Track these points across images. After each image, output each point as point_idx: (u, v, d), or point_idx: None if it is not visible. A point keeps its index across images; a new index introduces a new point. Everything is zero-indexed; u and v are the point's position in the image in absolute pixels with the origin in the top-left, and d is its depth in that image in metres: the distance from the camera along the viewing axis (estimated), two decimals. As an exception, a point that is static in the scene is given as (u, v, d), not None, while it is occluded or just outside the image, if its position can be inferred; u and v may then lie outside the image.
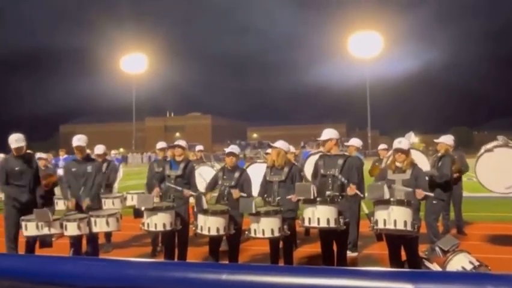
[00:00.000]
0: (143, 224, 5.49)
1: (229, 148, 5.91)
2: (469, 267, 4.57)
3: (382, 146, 8.24)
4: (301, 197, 5.05)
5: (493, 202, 11.97)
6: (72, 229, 5.44)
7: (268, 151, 7.48)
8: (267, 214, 5.13)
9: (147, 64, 71.02)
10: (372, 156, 32.94)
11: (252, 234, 5.15)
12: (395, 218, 4.55)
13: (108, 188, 7.72)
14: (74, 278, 2.01)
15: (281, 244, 5.64)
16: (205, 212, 5.24)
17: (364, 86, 65.60)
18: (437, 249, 5.14)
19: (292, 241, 6.04)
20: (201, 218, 5.24)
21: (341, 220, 4.90)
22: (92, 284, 1.98)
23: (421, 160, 6.24)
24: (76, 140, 5.95)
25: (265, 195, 5.69)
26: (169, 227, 5.46)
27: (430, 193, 5.04)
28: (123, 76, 71.94)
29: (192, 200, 6.14)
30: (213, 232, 5.20)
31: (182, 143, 6.10)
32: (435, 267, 4.89)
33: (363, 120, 70.13)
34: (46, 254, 5.11)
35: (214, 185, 5.89)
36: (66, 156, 12.88)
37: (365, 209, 8.20)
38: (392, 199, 4.66)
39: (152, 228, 5.45)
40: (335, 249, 5.30)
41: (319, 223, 4.86)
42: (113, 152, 14.22)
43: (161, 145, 7.39)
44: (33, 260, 2.35)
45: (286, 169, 5.63)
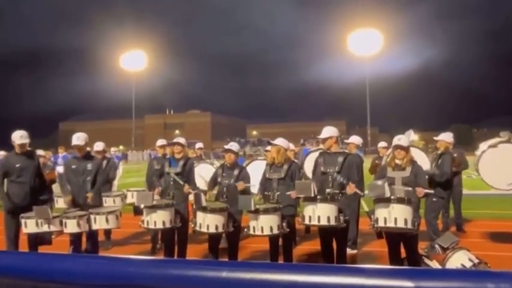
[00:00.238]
0: (142, 222, 5.49)
1: (228, 145, 5.90)
2: (469, 264, 4.58)
3: (382, 144, 8.22)
4: (301, 195, 5.05)
5: (493, 200, 11.99)
6: (72, 226, 5.44)
7: (267, 148, 7.47)
8: (266, 211, 5.13)
9: (147, 62, 71.06)
10: (371, 153, 32.95)
11: (251, 231, 5.14)
12: (396, 216, 4.55)
13: (108, 185, 7.72)
14: (74, 276, 2.01)
15: (280, 241, 5.64)
16: (204, 210, 5.23)
17: (364, 84, 65.66)
18: (437, 246, 5.14)
19: (291, 238, 6.04)
20: (200, 216, 5.24)
21: (341, 218, 4.90)
22: (92, 282, 1.98)
23: (421, 158, 6.23)
24: (75, 139, 5.94)
25: (264, 192, 5.69)
26: (169, 225, 5.45)
27: (430, 190, 5.04)
28: (123, 74, 71.97)
29: (191, 197, 6.14)
30: (212, 229, 5.19)
31: (181, 141, 6.10)
32: (434, 264, 4.89)
33: (362, 117, 70.16)
34: (46, 252, 5.13)
35: (214, 183, 5.88)
36: (64, 154, 12.88)
37: (365, 207, 8.21)
38: (393, 197, 4.66)
39: (151, 225, 5.45)
40: (335, 246, 5.30)
41: (319, 221, 4.86)
42: (112, 150, 14.17)
43: (161, 142, 7.41)
44: (33, 258, 2.35)
45: (285, 166, 5.63)
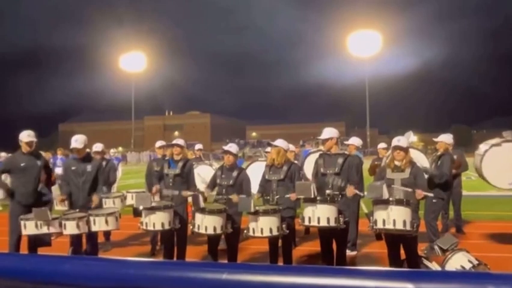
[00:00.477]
0: (141, 223, 5.48)
1: (226, 147, 5.90)
2: (468, 266, 4.58)
3: (382, 145, 8.22)
4: (301, 196, 5.04)
5: (492, 201, 11.99)
6: (71, 228, 5.43)
7: (267, 149, 7.46)
8: (266, 213, 5.12)
9: (146, 63, 71.04)
10: (371, 155, 32.98)
11: (251, 233, 5.14)
12: (394, 218, 4.54)
13: (108, 187, 7.71)
14: (73, 278, 2.01)
15: (280, 243, 5.63)
16: (202, 211, 5.22)
17: (363, 85, 65.66)
18: (436, 248, 5.14)
19: (291, 240, 6.04)
20: (198, 217, 5.23)
21: (341, 219, 4.90)
22: (91, 284, 1.98)
23: (420, 159, 6.23)
24: (74, 142, 5.94)
25: (263, 193, 5.69)
26: (168, 226, 5.44)
27: (430, 193, 5.03)
28: (122, 75, 71.94)
29: (190, 199, 6.13)
30: (210, 231, 5.18)
31: (180, 142, 6.09)
32: (434, 266, 4.89)
33: (362, 118, 70.17)
34: (46, 254, 5.13)
35: (214, 185, 5.87)
36: (61, 157, 12.89)
37: (364, 208, 8.20)
38: (391, 199, 4.65)
39: (150, 227, 5.45)
40: (334, 248, 5.30)
41: (319, 222, 4.86)
42: (112, 151, 14.17)
43: (160, 143, 7.42)
44: (33, 260, 2.35)
45: (285, 168, 5.63)
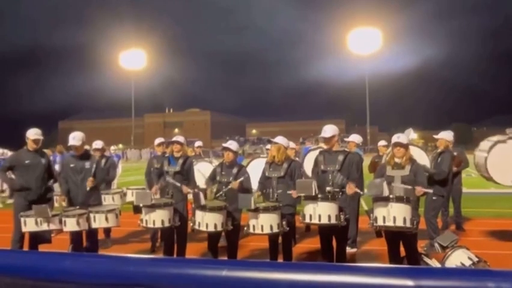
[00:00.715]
0: (141, 221, 5.48)
1: (226, 144, 5.89)
2: (468, 263, 4.58)
3: (382, 143, 8.22)
4: (302, 194, 5.04)
5: (492, 198, 12.00)
6: (71, 225, 5.43)
7: (268, 146, 7.46)
8: (266, 210, 5.13)
9: (146, 60, 70.87)
10: (371, 152, 33.00)
11: (251, 230, 5.14)
12: (394, 215, 4.55)
13: (107, 184, 7.71)
14: (73, 275, 2.01)
15: (280, 240, 5.64)
16: (202, 208, 5.23)
17: (363, 82, 65.56)
18: (436, 245, 5.16)
19: (291, 237, 6.04)
20: (199, 214, 5.24)
21: (342, 216, 4.91)
22: (91, 280, 1.98)
23: (421, 156, 6.23)
24: (71, 139, 5.94)
25: (264, 191, 5.69)
26: (168, 224, 5.45)
27: (429, 189, 5.03)
28: (122, 72, 71.73)
29: (190, 196, 6.13)
30: (211, 228, 5.19)
31: (180, 139, 6.09)
32: (434, 263, 4.89)
33: (362, 116, 70.05)
34: (46, 251, 5.13)
35: (213, 180, 5.87)
36: (55, 154, 12.89)
37: (364, 206, 8.21)
38: (391, 196, 4.66)
39: (150, 225, 5.45)
40: (334, 245, 5.31)
41: (320, 219, 4.86)
42: (112, 148, 14.18)
43: (158, 141, 7.41)
44: (33, 257, 2.35)
45: (285, 165, 5.63)
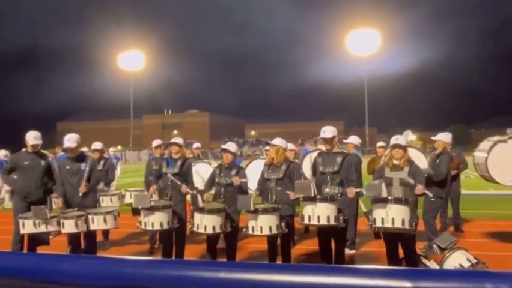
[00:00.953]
0: (140, 223, 5.47)
1: (225, 145, 5.89)
2: (467, 264, 4.59)
3: (380, 144, 8.23)
4: (301, 195, 5.05)
5: (491, 200, 12.01)
6: (69, 227, 5.43)
7: (267, 148, 7.46)
8: (265, 211, 5.13)
9: (145, 61, 70.87)
10: (369, 153, 33.01)
11: (250, 231, 5.15)
12: (393, 217, 4.55)
13: (106, 186, 7.70)
14: (72, 277, 2.01)
15: (279, 241, 5.64)
16: (201, 211, 5.23)
17: (362, 84, 65.63)
18: (435, 246, 5.16)
19: (290, 238, 6.04)
20: (197, 216, 5.23)
21: (341, 218, 4.91)
22: (90, 282, 1.98)
23: (419, 158, 6.23)
24: (66, 141, 5.93)
25: (262, 192, 5.69)
26: (166, 226, 5.45)
27: (430, 193, 5.04)
28: (121, 73, 71.73)
29: (189, 198, 6.13)
30: (209, 230, 5.19)
31: (178, 141, 6.09)
32: (432, 264, 4.89)
33: (361, 117, 70.11)
34: (44, 253, 5.12)
35: (212, 183, 5.87)
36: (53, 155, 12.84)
37: (363, 207, 8.20)
38: (390, 197, 4.66)
39: (149, 227, 5.45)
40: (333, 246, 5.30)
41: (319, 221, 4.87)
42: (111, 150, 14.15)
43: (156, 143, 7.41)
44: (32, 259, 2.34)
45: (284, 167, 5.63)
